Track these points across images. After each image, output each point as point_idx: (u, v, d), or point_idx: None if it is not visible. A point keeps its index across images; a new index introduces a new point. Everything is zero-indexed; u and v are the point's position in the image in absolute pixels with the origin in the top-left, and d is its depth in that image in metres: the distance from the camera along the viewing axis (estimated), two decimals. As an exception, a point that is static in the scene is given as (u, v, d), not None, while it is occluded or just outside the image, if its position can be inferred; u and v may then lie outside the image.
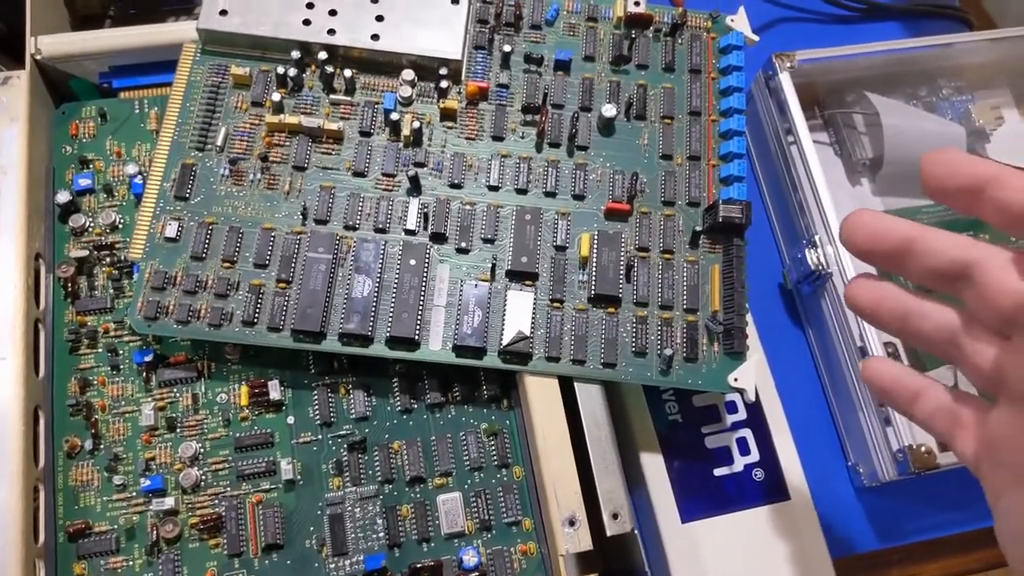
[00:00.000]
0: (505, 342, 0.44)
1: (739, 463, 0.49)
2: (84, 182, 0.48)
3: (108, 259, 0.47)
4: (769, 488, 0.48)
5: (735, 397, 0.50)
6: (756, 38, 0.51)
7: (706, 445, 0.49)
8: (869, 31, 0.67)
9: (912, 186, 0.58)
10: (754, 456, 0.49)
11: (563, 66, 0.50)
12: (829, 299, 0.53)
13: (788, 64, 0.55)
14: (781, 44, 0.57)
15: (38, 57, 0.48)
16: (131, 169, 0.48)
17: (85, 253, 0.46)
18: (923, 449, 0.48)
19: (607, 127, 0.49)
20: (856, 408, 0.52)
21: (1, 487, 0.40)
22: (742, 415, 0.50)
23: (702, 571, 0.47)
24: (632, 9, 0.50)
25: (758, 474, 0.49)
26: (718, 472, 0.49)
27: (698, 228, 0.47)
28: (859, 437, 0.52)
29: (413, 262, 0.45)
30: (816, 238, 0.52)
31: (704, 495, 0.48)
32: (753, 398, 0.45)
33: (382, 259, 0.45)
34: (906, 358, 0.53)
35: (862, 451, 0.52)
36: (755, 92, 0.58)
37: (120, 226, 0.48)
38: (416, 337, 0.43)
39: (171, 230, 0.44)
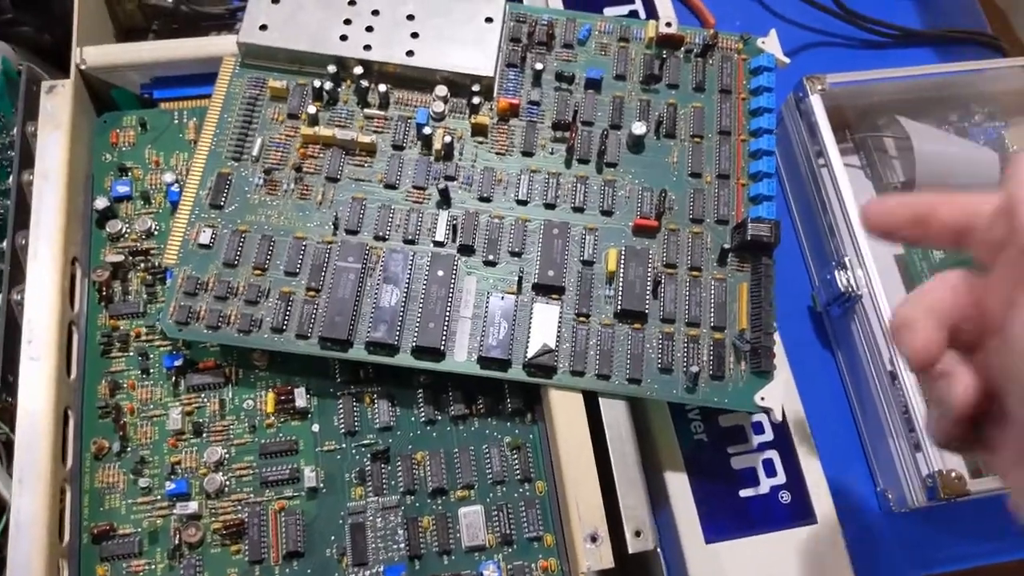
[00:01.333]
0: (530, 355, 0.44)
1: (765, 484, 0.48)
2: (122, 189, 0.49)
3: (142, 264, 0.48)
4: (795, 511, 0.48)
5: (762, 418, 0.49)
6: (787, 60, 0.51)
7: (732, 465, 0.49)
8: (901, 56, 0.67)
9: None
10: (780, 478, 0.48)
11: (594, 84, 0.50)
12: (859, 321, 0.52)
13: (819, 87, 0.55)
14: (812, 67, 0.57)
15: (82, 67, 0.50)
16: (168, 177, 0.49)
17: (120, 258, 0.47)
18: (953, 475, 0.47)
19: (636, 145, 0.49)
20: (886, 432, 0.51)
21: (29, 486, 0.41)
22: (769, 436, 0.49)
23: (725, 594, 0.46)
24: (664, 30, 0.51)
25: (784, 496, 0.48)
26: (744, 493, 0.48)
27: (727, 246, 0.46)
28: (888, 462, 0.51)
29: (441, 273, 0.45)
30: (846, 260, 0.52)
31: (729, 516, 0.47)
32: (780, 418, 0.44)
33: (410, 270, 0.45)
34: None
35: (891, 476, 0.51)
36: (785, 114, 0.58)
37: (156, 233, 0.49)
38: (442, 347, 0.44)
39: (205, 237, 0.45)
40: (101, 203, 0.48)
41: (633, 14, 0.59)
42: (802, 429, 0.49)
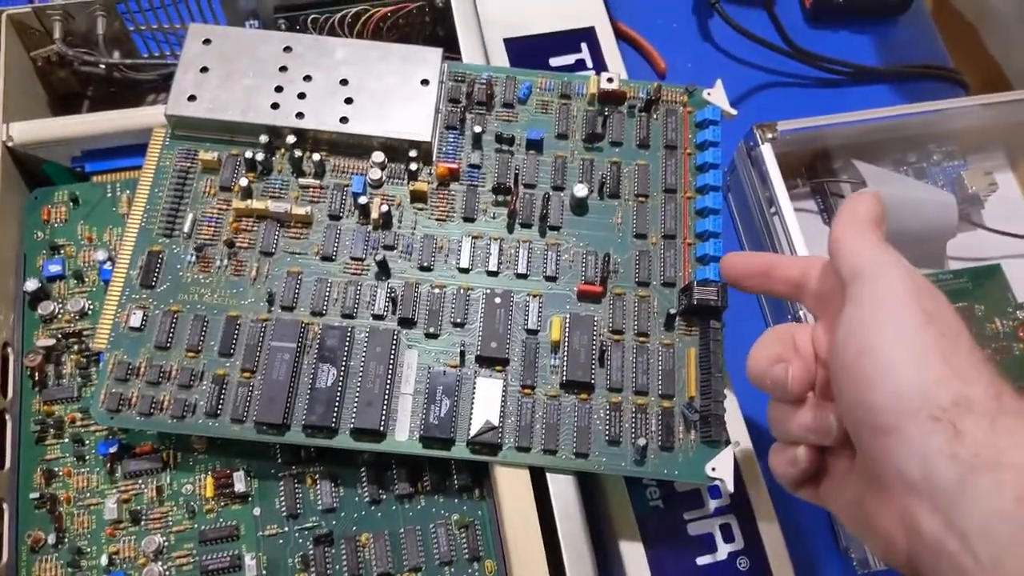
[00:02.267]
0: (472, 432, 0.43)
1: (723, 550, 0.47)
2: (54, 268, 0.48)
3: (76, 347, 0.46)
4: (754, 577, 0.47)
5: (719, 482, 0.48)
6: (734, 112, 0.50)
7: (688, 532, 0.47)
8: (858, 94, 0.66)
9: (905, 255, 0.57)
10: (739, 543, 0.47)
11: (535, 145, 0.49)
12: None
13: (770, 135, 0.54)
14: (767, 109, 0.56)
15: (10, 144, 0.49)
16: (101, 255, 0.48)
17: (53, 342, 0.46)
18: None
19: (580, 206, 0.48)
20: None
21: (-39, 585, 0.40)
22: (725, 500, 0.48)
23: (683, 667, 0.45)
24: (605, 86, 0.50)
25: (743, 563, 0.47)
26: (701, 561, 0.47)
27: (672, 311, 0.45)
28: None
29: (379, 349, 0.44)
30: (801, 313, 0.51)
31: (685, 585, 0.46)
32: (731, 489, 0.43)
33: (348, 346, 0.44)
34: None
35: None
36: (738, 162, 0.57)
37: (89, 312, 0.47)
38: (381, 428, 0.42)
39: (136, 319, 0.44)
40: (32, 285, 0.47)
41: (580, 63, 0.58)
42: (760, 492, 0.48)
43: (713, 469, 0.43)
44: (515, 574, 0.41)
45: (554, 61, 0.58)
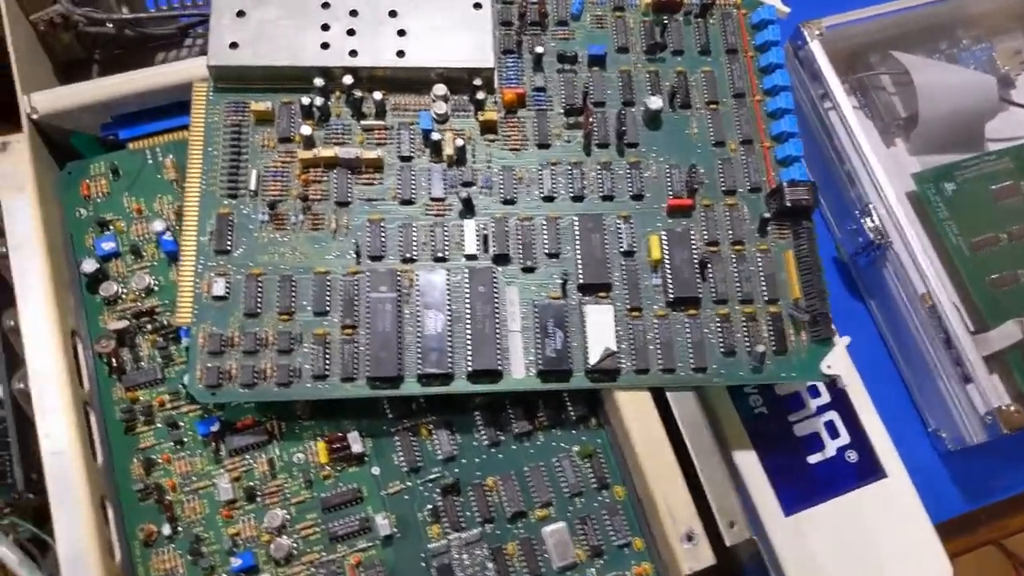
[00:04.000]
0: (593, 361, 0.41)
1: (831, 447, 0.48)
2: (108, 246, 0.44)
3: (149, 326, 0.43)
4: (864, 468, 0.47)
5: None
6: (787, 9, 0.49)
7: (795, 433, 0.48)
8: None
9: (945, 142, 0.58)
10: (844, 438, 0.48)
11: (598, 61, 0.47)
12: (891, 267, 0.51)
13: (817, 32, 0.53)
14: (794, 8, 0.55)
15: (35, 116, 0.44)
16: (158, 226, 0.44)
17: (124, 324, 0.43)
18: (1012, 409, 0.47)
19: (653, 120, 0.47)
20: (933, 372, 0.51)
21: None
22: (825, 398, 0.49)
23: (812, 561, 0.45)
24: (661, -7, 0.48)
25: (851, 456, 0.47)
26: (812, 459, 0.47)
27: (766, 215, 0.45)
28: (938, 402, 0.51)
29: (482, 289, 0.42)
30: (870, 207, 0.51)
31: (802, 485, 0.47)
32: (846, 385, 0.43)
33: (448, 290, 0.42)
34: (968, 317, 0.53)
35: (942, 415, 0.51)
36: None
37: (156, 288, 0.44)
38: (499, 368, 0.41)
39: (219, 288, 0.41)
40: (89, 266, 0.43)
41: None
42: (856, 385, 0.49)
43: (828, 366, 0.43)
44: (653, 495, 0.41)
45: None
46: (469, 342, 0.41)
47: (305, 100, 0.44)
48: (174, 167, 0.46)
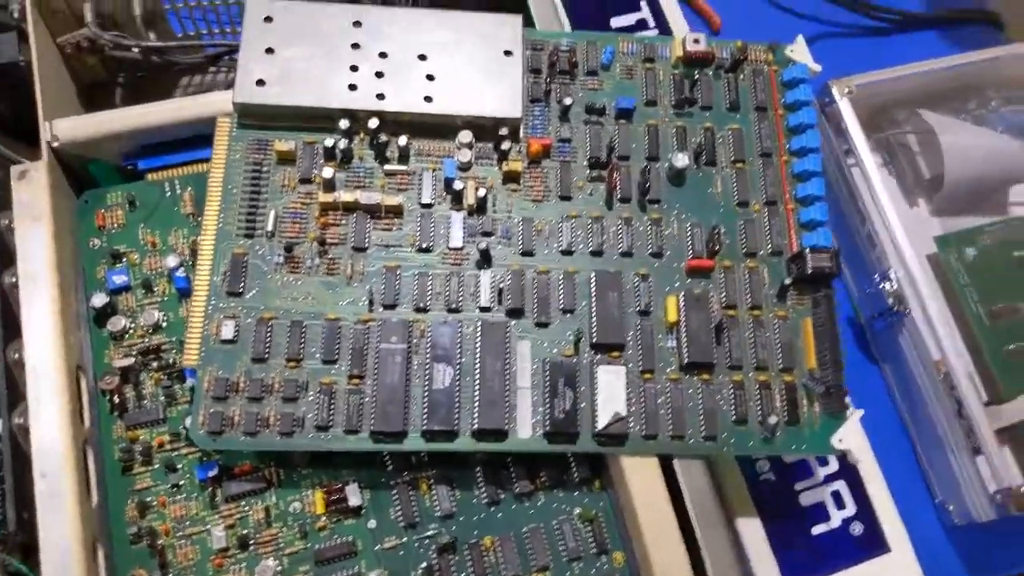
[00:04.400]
0: (601, 425, 0.41)
1: (836, 518, 0.47)
2: (119, 279, 0.44)
3: (155, 364, 0.43)
4: (868, 542, 0.46)
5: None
6: (818, 68, 0.48)
7: (800, 503, 0.47)
8: (904, 42, 0.65)
9: (969, 205, 0.57)
10: (850, 509, 0.47)
11: (626, 114, 0.47)
12: (908, 334, 0.51)
13: (847, 90, 0.52)
14: (818, 61, 0.55)
15: (55, 144, 0.44)
16: (172, 261, 0.44)
17: (130, 361, 0.42)
18: (1023, 490, 0.46)
19: (678, 176, 0.46)
20: (944, 443, 0.50)
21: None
22: (833, 467, 0.48)
23: (813, 638, 0.45)
24: (692, 47, 0.47)
25: (856, 528, 0.47)
26: (816, 531, 0.47)
27: (787, 281, 0.44)
28: (948, 474, 0.50)
29: (494, 343, 0.41)
30: (890, 272, 0.50)
31: (805, 557, 0.46)
32: (858, 460, 0.43)
33: (460, 342, 0.41)
34: (983, 387, 0.52)
35: (951, 488, 0.50)
36: (808, 119, 0.56)
37: (164, 325, 0.44)
38: (505, 428, 0.40)
39: (228, 331, 0.40)
40: (99, 300, 0.43)
41: (641, 23, 0.55)
42: (866, 454, 0.48)
43: (840, 440, 0.42)
44: (652, 565, 0.40)
45: (615, 21, 0.55)
46: (477, 399, 0.40)
47: (328, 142, 0.43)
48: (192, 201, 0.46)
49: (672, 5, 0.55)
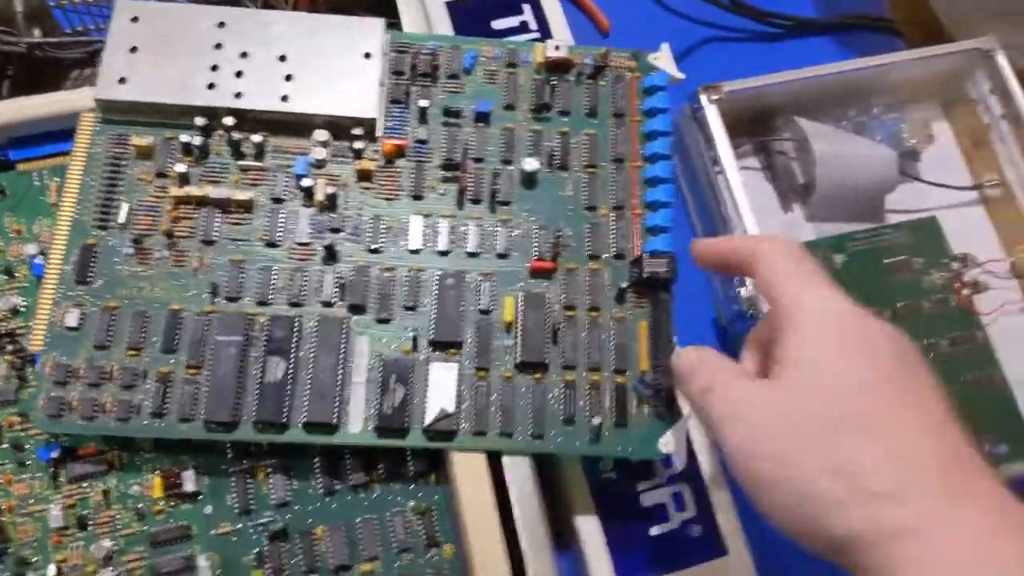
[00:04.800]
0: (428, 421, 0.42)
1: (675, 519, 0.48)
2: (-19, 265, 0.45)
3: (10, 347, 0.44)
4: (706, 544, 0.47)
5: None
6: (681, 76, 0.49)
7: (641, 503, 0.48)
8: (797, 47, 0.65)
9: (843, 212, 0.58)
10: (691, 511, 0.48)
11: (483, 117, 0.48)
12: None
13: (715, 96, 0.53)
14: (704, 67, 0.56)
15: (-74, 135, 0.46)
16: (31, 249, 0.46)
17: (-16, 344, 0.44)
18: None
19: (530, 180, 0.47)
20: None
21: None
22: (678, 468, 0.49)
23: (643, 633, 0.46)
24: (552, 54, 0.48)
25: (695, 530, 0.48)
26: (654, 531, 0.47)
27: (623, 284, 0.45)
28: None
29: (329, 338, 0.43)
30: (747, 278, 0.51)
31: (641, 556, 0.47)
32: (682, 465, 0.44)
33: (296, 336, 0.43)
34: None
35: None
36: (681, 123, 0.57)
37: (22, 310, 0.45)
38: (334, 421, 0.42)
39: (72, 318, 0.42)
40: (-42, 284, 0.44)
41: (524, 25, 0.56)
42: (711, 458, 0.49)
43: (666, 444, 0.43)
44: (474, 558, 0.41)
45: (496, 24, 0.56)
46: (308, 392, 0.42)
47: (184, 138, 0.45)
48: (57, 191, 0.47)
49: (555, 9, 0.56)
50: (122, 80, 0.45)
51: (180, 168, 0.44)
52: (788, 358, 0.34)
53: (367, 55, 0.47)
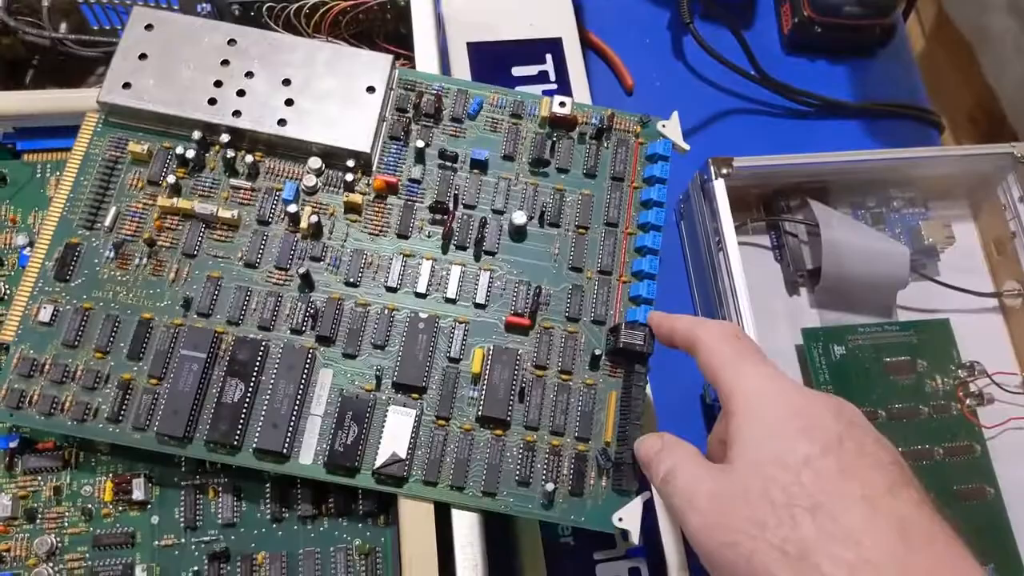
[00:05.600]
0: (378, 463, 0.42)
1: (628, 595, 0.47)
2: (-27, 250, 0.46)
3: (-14, 334, 0.45)
4: (657, 625, 0.46)
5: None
6: (686, 147, 0.48)
7: (596, 574, 0.47)
8: (825, 128, 0.64)
9: (850, 303, 0.56)
10: (645, 588, 0.47)
11: (479, 164, 0.48)
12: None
13: (724, 170, 0.52)
14: (729, 137, 0.55)
15: (-64, 115, 0.47)
16: (21, 239, 0.47)
17: (-40, 328, 0.45)
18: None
19: (519, 233, 0.47)
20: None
21: None
22: (635, 544, 0.48)
23: None
24: (557, 110, 0.48)
25: (647, 608, 0.46)
26: (604, 603, 0.46)
27: (598, 351, 0.44)
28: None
29: (291, 367, 0.43)
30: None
31: (586, 627, 0.46)
32: (637, 541, 0.42)
33: (260, 361, 0.43)
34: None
35: None
36: (692, 192, 0.56)
37: (5, 298, 0.46)
38: (285, 451, 0.41)
39: (45, 314, 0.43)
40: (-55, 266, 0.45)
41: (543, 75, 0.56)
42: (675, 540, 0.48)
43: (620, 519, 0.42)
44: (410, 608, 0.41)
45: (517, 70, 0.56)
46: (263, 419, 0.42)
47: (180, 149, 0.45)
48: (56, 185, 0.48)
49: (577, 62, 0.56)
50: (126, 85, 0.46)
51: (171, 179, 0.45)
52: (734, 441, 0.34)
53: (370, 89, 0.47)
